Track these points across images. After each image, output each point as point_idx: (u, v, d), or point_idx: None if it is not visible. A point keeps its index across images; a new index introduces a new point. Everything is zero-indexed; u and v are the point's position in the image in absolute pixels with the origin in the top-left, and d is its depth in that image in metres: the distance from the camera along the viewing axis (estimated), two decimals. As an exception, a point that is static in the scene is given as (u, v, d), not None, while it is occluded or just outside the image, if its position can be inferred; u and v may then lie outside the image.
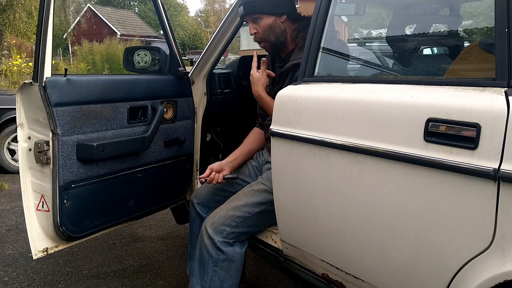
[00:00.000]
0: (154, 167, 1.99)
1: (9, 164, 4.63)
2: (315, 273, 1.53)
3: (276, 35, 1.73)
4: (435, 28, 2.15)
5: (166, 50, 2.10)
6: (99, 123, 1.73)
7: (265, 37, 1.74)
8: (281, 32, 1.73)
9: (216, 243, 1.68)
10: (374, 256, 1.25)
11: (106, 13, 30.39)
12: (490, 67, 1.03)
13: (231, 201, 1.78)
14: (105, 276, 2.40)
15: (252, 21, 1.75)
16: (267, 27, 1.71)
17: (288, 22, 1.73)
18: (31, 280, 2.34)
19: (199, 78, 2.22)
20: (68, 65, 16.90)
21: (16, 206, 3.57)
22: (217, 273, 1.70)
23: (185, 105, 2.11)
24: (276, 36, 1.73)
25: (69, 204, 1.65)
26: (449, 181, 1.01)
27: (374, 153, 1.16)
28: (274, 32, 1.72)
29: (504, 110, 0.92)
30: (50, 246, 1.72)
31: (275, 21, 1.71)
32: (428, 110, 1.05)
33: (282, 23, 1.72)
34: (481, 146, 0.95)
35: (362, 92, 1.24)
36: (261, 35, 1.74)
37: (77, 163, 1.66)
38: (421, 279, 1.13)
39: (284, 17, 1.71)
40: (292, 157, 1.44)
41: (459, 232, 1.02)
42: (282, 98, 1.48)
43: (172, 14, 41.36)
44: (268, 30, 1.72)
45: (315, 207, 1.40)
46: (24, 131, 1.66)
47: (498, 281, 0.95)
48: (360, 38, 4.97)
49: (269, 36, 1.73)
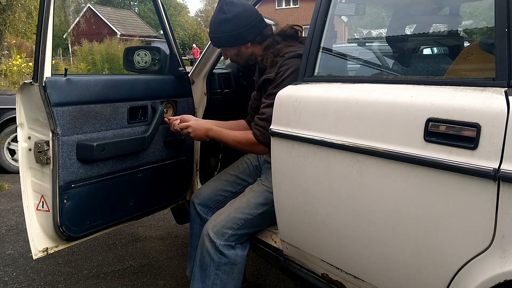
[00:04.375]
0: (154, 167, 1.99)
1: (9, 164, 4.63)
2: (315, 273, 1.53)
3: (244, 60, 1.83)
4: (435, 28, 2.15)
5: (166, 50, 2.10)
6: (99, 123, 1.73)
7: (236, 61, 1.88)
8: (248, 56, 1.82)
9: (218, 247, 1.68)
10: (374, 256, 1.25)
11: (106, 13, 30.40)
12: (490, 67, 1.03)
13: (232, 203, 1.77)
14: (105, 276, 2.40)
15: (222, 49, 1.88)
16: (234, 55, 1.83)
17: (254, 46, 1.79)
18: (31, 280, 2.34)
19: (199, 78, 2.23)
20: (68, 65, 16.91)
21: (16, 206, 3.57)
22: (219, 277, 1.69)
23: (185, 105, 2.11)
24: (245, 60, 1.83)
25: (69, 204, 1.65)
26: (449, 181, 1.01)
27: (374, 153, 1.16)
28: (242, 58, 1.83)
29: (504, 110, 0.92)
30: (50, 246, 1.72)
31: (239, 50, 1.80)
32: (428, 110, 1.05)
33: (247, 49, 1.79)
34: (481, 146, 0.95)
35: (362, 92, 1.24)
36: (232, 60, 1.88)
37: (77, 163, 1.66)
38: (421, 279, 1.13)
39: (249, 44, 1.78)
40: (292, 157, 1.44)
41: (459, 232, 1.02)
42: (282, 98, 1.48)
43: (172, 14, 41.34)
44: (236, 57, 1.84)
45: (315, 207, 1.40)
46: (24, 131, 1.66)
47: (498, 281, 0.95)
48: (360, 38, 4.97)
49: (239, 60, 1.85)
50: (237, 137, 1.76)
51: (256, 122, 1.68)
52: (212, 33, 1.79)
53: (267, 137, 1.61)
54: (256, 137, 1.66)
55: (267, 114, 1.62)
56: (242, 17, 1.72)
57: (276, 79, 1.62)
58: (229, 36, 1.74)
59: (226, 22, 1.72)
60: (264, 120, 1.63)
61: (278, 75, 1.62)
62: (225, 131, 1.80)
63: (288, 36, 1.77)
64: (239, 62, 1.87)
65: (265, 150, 1.69)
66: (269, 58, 1.69)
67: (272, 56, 1.69)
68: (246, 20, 1.73)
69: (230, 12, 1.70)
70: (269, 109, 1.61)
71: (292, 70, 1.59)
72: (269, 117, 1.59)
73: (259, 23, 1.76)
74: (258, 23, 1.76)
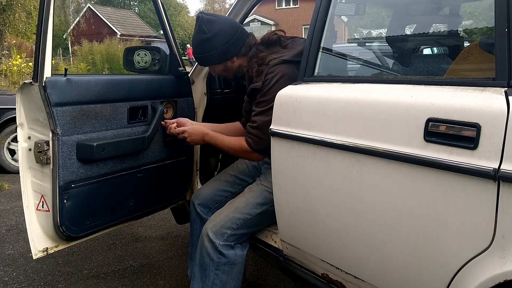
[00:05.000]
0: (154, 167, 1.99)
1: (9, 164, 4.63)
2: (315, 273, 1.53)
3: (232, 73, 1.85)
4: (435, 28, 2.15)
5: (166, 50, 2.10)
6: (99, 123, 1.73)
7: (225, 76, 1.91)
8: (235, 70, 1.83)
9: (218, 247, 1.68)
10: (374, 256, 1.25)
11: (106, 13, 30.40)
12: (490, 67, 1.03)
13: (231, 203, 1.78)
14: (105, 276, 2.40)
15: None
16: (221, 71, 1.86)
17: (240, 58, 1.80)
18: (31, 280, 2.34)
19: (199, 78, 2.22)
20: (68, 65, 16.91)
21: (16, 206, 3.57)
22: (219, 277, 1.70)
23: (185, 105, 2.11)
24: (233, 73, 1.85)
25: (69, 204, 1.65)
26: (449, 181, 1.01)
27: (374, 153, 1.16)
28: (230, 72, 1.85)
29: (504, 110, 0.92)
30: (50, 246, 1.71)
31: (225, 65, 1.81)
32: (428, 110, 1.05)
33: (233, 63, 1.81)
34: (481, 146, 0.95)
35: (362, 92, 1.24)
36: (221, 75, 1.93)
37: (77, 163, 1.66)
38: (421, 279, 1.13)
39: (234, 58, 1.79)
40: (292, 157, 1.44)
41: (459, 232, 1.02)
42: (282, 98, 1.48)
43: (172, 14, 41.32)
44: (224, 72, 1.86)
45: (315, 207, 1.40)
46: (24, 131, 1.66)
47: (498, 281, 0.95)
48: (360, 38, 4.98)
49: (227, 75, 1.87)
50: (231, 144, 1.77)
51: (248, 130, 1.69)
52: (196, 53, 1.80)
53: (260, 144, 1.64)
54: (249, 145, 1.68)
55: (258, 122, 1.64)
56: (222, 34, 1.72)
57: (263, 88, 1.64)
58: (212, 55, 1.75)
59: (208, 42, 1.72)
60: (256, 128, 1.65)
61: (265, 83, 1.64)
62: (220, 137, 1.82)
63: (270, 43, 1.78)
64: (228, 76, 1.89)
65: (259, 157, 1.72)
66: (254, 68, 1.70)
67: (257, 65, 1.70)
68: (227, 36, 1.73)
69: (210, 31, 1.71)
70: (260, 117, 1.63)
71: (279, 77, 1.60)
72: (260, 125, 1.62)
73: (240, 35, 1.77)
74: (239, 35, 1.76)
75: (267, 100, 1.61)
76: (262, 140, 1.63)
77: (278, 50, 1.73)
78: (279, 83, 1.59)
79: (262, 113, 1.62)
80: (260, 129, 1.63)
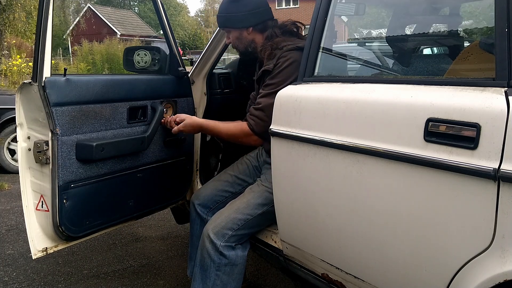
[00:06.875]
0: (154, 167, 1.99)
1: (9, 164, 4.63)
2: (315, 273, 1.53)
3: (244, 45, 1.86)
4: (435, 28, 2.15)
5: (166, 50, 2.10)
6: (99, 123, 1.73)
7: (236, 46, 1.90)
8: (248, 42, 1.85)
9: (219, 248, 1.68)
10: (374, 256, 1.24)
11: (106, 13, 30.40)
12: (490, 67, 1.03)
13: (232, 204, 1.77)
14: (105, 276, 2.40)
15: (226, 31, 1.92)
16: (235, 38, 1.87)
17: (256, 33, 1.83)
18: (31, 280, 2.34)
19: (199, 78, 2.22)
20: (68, 65, 16.92)
21: (16, 206, 3.57)
22: (220, 278, 1.69)
23: (185, 105, 2.11)
24: (244, 46, 1.86)
25: (69, 204, 1.65)
26: (449, 181, 1.01)
27: (374, 153, 1.16)
28: (242, 43, 1.86)
29: (504, 110, 0.92)
30: (50, 246, 1.71)
31: (240, 33, 1.83)
32: (428, 110, 1.05)
33: (249, 34, 1.83)
34: (481, 146, 0.95)
35: (362, 92, 1.24)
36: (233, 44, 1.91)
37: (76, 163, 1.66)
38: (421, 279, 1.13)
39: (250, 29, 1.81)
40: (292, 157, 1.44)
41: (459, 232, 1.02)
42: (282, 98, 1.48)
43: (172, 14, 41.36)
44: (237, 41, 1.87)
45: (315, 207, 1.40)
46: (24, 131, 1.66)
47: (498, 281, 0.95)
48: (360, 38, 4.97)
49: (239, 45, 1.88)
50: (230, 129, 1.79)
51: (251, 112, 1.70)
52: (219, 12, 1.85)
53: (262, 127, 1.64)
54: (250, 126, 1.69)
55: (263, 103, 1.65)
56: (249, 1, 1.78)
57: (274, 70, 1.66)
58: (232, 17, 1.79)
59: (233, 3, 1.78)
60: (260, 109, 1.66)
61: (276, 66, 1.66)
62: (218, 123, 1.84)
63: (287, 32, 1.81)
64: (239, 47, 1.89)
65: (259, 141, 1.72)
66: (267, 51, 1.72)
67: (270, 49, 1.72)
68: (252, 5, 1.78)
69: None
70: (266, 98, 1.64)
71: (291, 62, 1.63)
72: (265, 107, 1.62)
73: (264, 12, 1.81)
74: (263, 11, 1.81)
75: (276, 83, 1.63)
76: (264, 122, 1.63)
77: (294, 39, 1.76)
78: (289, 68, 1.61)
79: (268, 95, 1.63)
80: (264, 111, 1.64)
